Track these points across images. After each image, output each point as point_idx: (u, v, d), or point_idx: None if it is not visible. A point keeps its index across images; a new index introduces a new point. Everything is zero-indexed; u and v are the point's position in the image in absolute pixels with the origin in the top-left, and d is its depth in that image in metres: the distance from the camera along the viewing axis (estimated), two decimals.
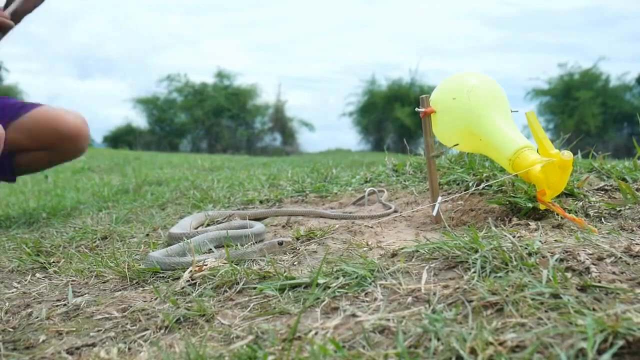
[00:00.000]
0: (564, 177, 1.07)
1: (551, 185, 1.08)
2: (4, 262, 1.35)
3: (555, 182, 1.08)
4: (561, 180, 1.08)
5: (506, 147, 1.14)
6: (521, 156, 1.11)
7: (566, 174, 1.07)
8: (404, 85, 23.48)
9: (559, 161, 1.04)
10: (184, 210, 1.96)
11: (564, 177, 1.07)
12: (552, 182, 1.08)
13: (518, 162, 1.12)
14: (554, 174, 1.06)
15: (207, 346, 0.70)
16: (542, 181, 1.08)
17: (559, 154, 1.04)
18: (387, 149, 2.35)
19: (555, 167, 1.05)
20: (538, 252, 0.81)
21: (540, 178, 1.08)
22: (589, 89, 21.05)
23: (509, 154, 1.13)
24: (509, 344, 0.58)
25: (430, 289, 0.76)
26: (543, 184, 1.09)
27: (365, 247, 1.09)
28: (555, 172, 1.06)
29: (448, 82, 1.27)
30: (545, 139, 1.08)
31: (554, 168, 1.05)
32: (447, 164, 1.75)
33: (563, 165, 1.04)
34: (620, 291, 0.68)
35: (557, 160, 1.04)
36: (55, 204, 2.59)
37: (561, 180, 1.08)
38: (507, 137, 1.15)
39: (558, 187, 1.09)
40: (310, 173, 2.47)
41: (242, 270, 0.95)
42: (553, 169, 1.06)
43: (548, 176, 1.07)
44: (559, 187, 1.09)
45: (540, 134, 1.08)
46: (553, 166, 1.05)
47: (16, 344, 0.82)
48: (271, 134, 25.20)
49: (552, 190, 1.09)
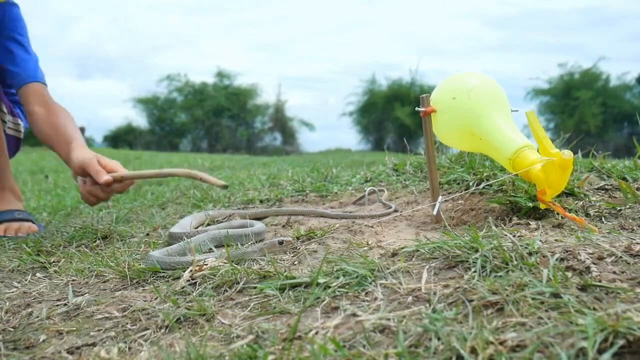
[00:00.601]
0: (564, 176, 1.07)
1: (551, 185, 1.08)
2: (4, 261, 1.35)
3: (556, 182, 1.08)
4: (561, 179, 1.08)
5: (506, 146, 1.14)
6: (521, 155, 1.11)
7: (566, 173, 1.07)
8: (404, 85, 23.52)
9: (559, 160, 1.04)
10: (184, 210, 1.96)
11: (565, 176, 1.07)
12: (553, 181, 1.08)
13: (518, 162, 1.12)
14: (554, 174, 1.06)
15: (207, 346, 0.70)
16: (543, 180, 1.08)
17: (559, 153, 1.04)
18: (387, 148, 2.35)
19: (555, 166, 1.05)
20: (538, 252, 0.81)
21: (541, 177, 1.08)
22: (589, 88, 21.06)
23: (509, 153, 1.13)
24: (509, 344, 0.58)
25: (431, 288, 0.76)
26: (543, 183, 1.09)
27: (366, 246, 1.09)
28: (556, 171, 1.06)
29: (448, 82, 1.27)
30: (545, 138, 1.07)
31: (554, 167, 1.05)
32: (447, 163, 1.75)
33: (563, 164, 1.04)
34: (621, 290, 0.68)
35: (558, 159, 1.04)
36: (56, 203, 2.60)
37: (561, 180, 1.08)
38: (507, 137, 1.15)
39: (558, 187, 1.09)
40: (311, 173, 2.47)
41: (242, 269, 0.95)
42: (553, 168, 1.06)
43: (548, 175, 1.07)
44: (559, 186, 1.09)
45: (540, 134, 1.08)
46: (553, 165, 1.05)
47: (16, 343, 0.82)
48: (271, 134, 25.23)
49: (553, 189, 1.09)
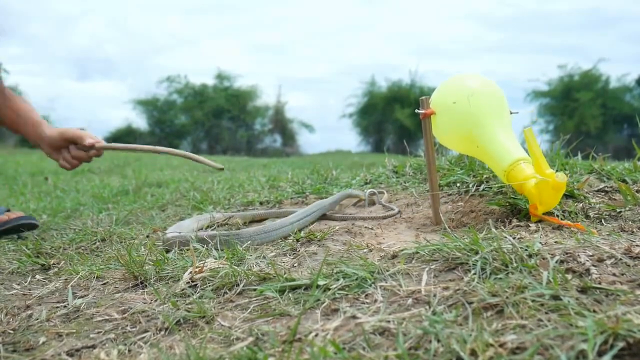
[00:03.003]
0: (556, 196, 1.08)
1: (543, 202, 1.09)
2: (4, 263, 1.35)
3: (548, 201, 1.09)
4: (554, 199, 1.09)
5: (502, 158, 1.14)
6: (516, 169, 1.12)
7: (559, 194, 1.08)
8: (403, 86, 23.50)
9: (552, 182, 1.05)
10: (184, 212, 1.96)
11: (557, 196, 1.09)
12: (544, 199, 1.09)
13: (513, 174, 1.12)
14: (546, 193, 1.07)
15: (207, 348, 0.70)
16: (535, 197, 1.09)
17: (553, 174, 1.05)
18: (387, 150, 2.35)
19: (548, 187, 1.06)
20: (538, 254, 0.81)
21: (534, 193, 1.09)
22: (589, 90, 21.06)
23: (504, 165, 1.14)
24: (509, 346, 0.58)
25: (431, 290, 0.76)
26: (535, 199, 1.10)
27: (365, 248, 1.09)
28: (548, 192, 1.07)
29: (448, 85, 1.27)
30: (541, 157, 1.08)
31: (547, 187, 1.06)
32: (447, 165, 1.75)
33: (556, 186, 1.06)
34: (621, 293, 0.68)
35: (551, 181, 1.05)
36: (56, 205, 2.60)
37: (554, 199, 1.09)
38: (504, 148, 1.15)
39: (550, 205, 1.10)
40: (311, 174, 2.47)
41: (242, 271, 0.95)
42: (546, 188, 1.06)
43: (541, 193, 1.08)
44: (551, 204, 1.10)
45: (536, 152, 1.08)
46: (547, 185, 1.06)
47: (16, 345, 0.82)
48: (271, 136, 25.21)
49: (544, 206, 1.10)
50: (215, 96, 23.94)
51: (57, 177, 4.60)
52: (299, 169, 3.55)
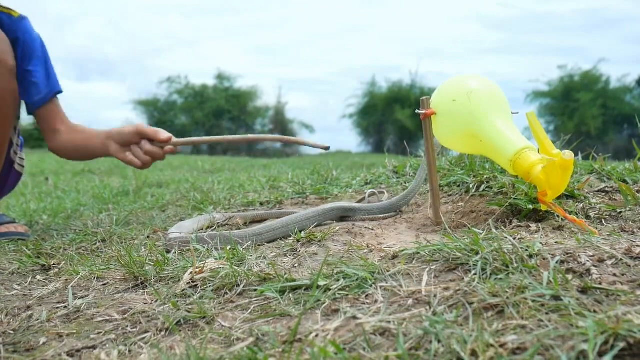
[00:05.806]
0: (565, 177, 1.07)
1: (552, 186, 1.08)
2: (4, 264, 1.35)
3: (557, 183, 1.08)
4: (562, 180, 1.07)
5: (507, 148, 1.14)
6: (522, 157, 1.11)
7: (567, 174, 1.07)
8: (404, 87, 23.53)
9: (560, 161, 1.04)
10: (185, 213, 1.97)
11: (566, 177, 1.07)
12: (554, 183, 1.07)
13: (519, 163, 1.12)
14: (555, 175, 1.06)
15: (207, 348, 0.70)
16: (544, 182, 1.08)
17: (560, 153, 1.04)
18: (387, 150, 2.35)
19: (556, 167, 1.05)
20: (539, 254, 0.81)
21: (542, 179, 1.08)
22: (589, 90, 21.08)
23: (509, 155, 1.13)
24: (509, 346, 0.58)
25: (431, 291, 0.76)
26: (544, 185, 1.09)
27: (366, 249, 1.09)
28: (557, 172, 1.06)
29: (448, 85, 1.27)
30: (546, 139, 1.08)
31: (555, 168, 1.05)
32: (447, 165, 1.75)
33: (564, 165, 1.04)
34: (621, 293, 0.68)
35: (559, 160, 1.04)
36: (56, 206, 2.60)
37: (562, 181, 1.07)
38: (508, 139, 1.15)
39: (559, 188, 1.09)
40: (311, 175, 2.47)
41: (242, 272, 0.95)
42: (554, 169, 1.05)
43: (549, 177, 1.07)
44: (560, 187, 1.09)
45: (541, 135, 1.08)
46: (554, 167, 1.05)
47: (16, 346, 0.82)
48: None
49: (554, 191, 1.09)
50: (215, 97, 23.97)
51: (58, 178, 4.60)
52: (299, 170, 3.55)
